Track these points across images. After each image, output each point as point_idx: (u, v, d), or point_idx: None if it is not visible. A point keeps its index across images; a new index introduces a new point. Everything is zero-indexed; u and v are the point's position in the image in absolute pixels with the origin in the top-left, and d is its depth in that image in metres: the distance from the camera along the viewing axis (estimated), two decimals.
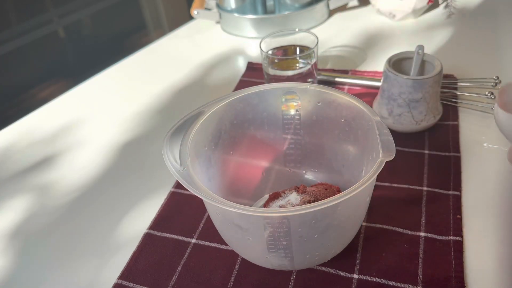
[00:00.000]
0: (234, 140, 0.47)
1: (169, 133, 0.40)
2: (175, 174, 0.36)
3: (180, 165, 0.37)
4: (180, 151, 0.39)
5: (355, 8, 0.94)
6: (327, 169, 0.49)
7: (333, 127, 0.46)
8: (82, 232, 0.50)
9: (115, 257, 0.46)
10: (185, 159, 0.38)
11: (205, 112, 0.43)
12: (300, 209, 0.33)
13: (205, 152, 0.43)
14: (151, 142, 0.62)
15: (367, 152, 0.41)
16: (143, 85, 0.76)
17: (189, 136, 0.40)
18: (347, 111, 0.43)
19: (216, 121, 0.45)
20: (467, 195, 0.48)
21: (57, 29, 1.66)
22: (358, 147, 0.44)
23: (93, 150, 0.62)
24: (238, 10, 0.88)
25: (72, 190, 0.55)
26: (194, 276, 0.43)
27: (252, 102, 0.46)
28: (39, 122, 0.70)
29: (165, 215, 0.50)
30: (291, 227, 0.35)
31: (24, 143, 0.65)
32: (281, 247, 0.37)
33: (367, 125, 0.41)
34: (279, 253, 0.38)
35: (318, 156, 0.49)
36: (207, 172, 0.43)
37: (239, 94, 0.45)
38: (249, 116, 0.47)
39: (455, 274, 0.40)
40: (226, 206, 0.34)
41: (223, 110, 0.45)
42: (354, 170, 0.45)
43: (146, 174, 0.57)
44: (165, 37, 0.93)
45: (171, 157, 0.38)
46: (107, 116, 0.69)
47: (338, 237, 0.40)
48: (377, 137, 0.37)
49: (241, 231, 0.38)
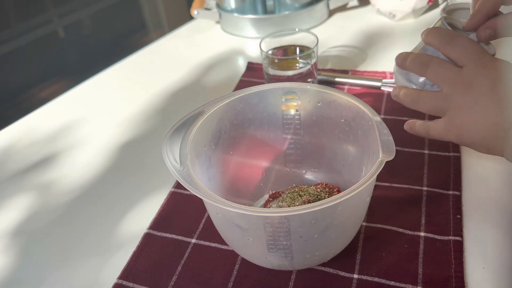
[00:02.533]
0: (234, 140, 0.47)
1: (169, 133, 0.40)
2: (175, 174, 0.36)
3: (180, 165, 0.37)
4: (180, 151, 0.39)
5: (355, 8, 0.94)
6: (327, 169, 0.49)
7: (333, 127, 0.46)
8: (82, 232, 0.50)
9: (115, 257, 0.46)
10: (185, 159, 0.38)
11: (205, 112, 0.43)
12: (300, 209, 0.33)
13: (205, 152, 0.43)
14: (151, 142, 0.62)
15: (367, 152, 0.41)
16: (143, 85, 0.76)
17: (189, 136, 0.40)
18: (347, 111, 0.43)
19: (216, 121, 0.45)
20: (467, 195, 0.48)
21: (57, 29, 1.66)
22: (358, 147, 0.44)
23: (92, 150, 0.62)
24: (238, 10, 0.88)
25: (72, 190, 0.55)
26: (194, 276, 0.43)
27: (252, 102, 0.46)
28: (39, 122, 0.70)
29: (165, 215, 0.50)
30: (291, 227, 0.35)
31: (25, 142, 0.65)
32: (281, 247, 0.37)
33: (367, 125, 0.41)
34: (279, 253, 0.38)
35: (318, 156, 0.49)
36: (207, 172, 0.43)
37: (239, 94, 0.45)
38: (249, 116, 0.47)
39: (455, 274, 0.40)
40: (226, 206, 0.34)
41: (223, 110, 0.45)
42: (354, 170, 0.45)
43: (146, 174, 0.57)
44: (165, 37, 0.93)
45: (171, 157, 0.38)
46: (107, 116, 0.69)
47: (338, 237, 0.40)
48: (377, 137, 0.37)
49: (241, 231, 0.38)
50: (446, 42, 0.41)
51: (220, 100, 0.44)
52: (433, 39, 0.42)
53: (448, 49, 0.40)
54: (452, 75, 0.40)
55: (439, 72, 0.40)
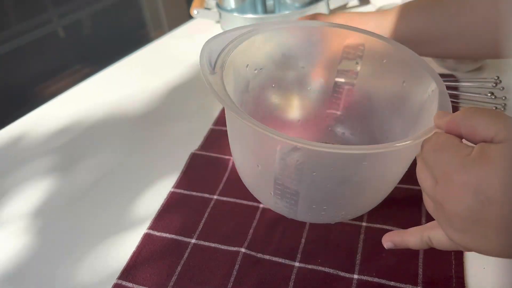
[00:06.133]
0: (279, 73, 0.42)
1: (212, 41, 0.36)
2: (205, 76, 0.32)
3: (213, 69, 0.33)
4: (218, 57, 0.34)
5: (355, 8, 0.93)
6: (368, 136, 0.43)
7: (390, 89, 0.40)
8: (82, 232, 0.50)
9: (115, 257, 0.46)
10: (221, 67, 0.33)
11: (258, 32, 0.38)
12: (319, 145, 0.28)
13: (244, 73, 0.38)
14: (150, 142, 0.62)
15: (418, 128, 0.36)
16: (143, 85, 0.76)
17: (233, 49, 0.36)
18: (411, 76, 0.38)
19: (267, 45, 0.39)
20: None
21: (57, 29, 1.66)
22: (411, 118, 0.38)
23: (90, 149, 0.62)
24: (238, 9, 0.88)
25: (72, 190, 0.55)
26: (194, 276, 0.43)
27: (312, 38, 0.40)
28: (38, 123, 0.70)
29: (165, 215, 0.50)
30: (305, 164, 0.31)
31: (24, 142, 0.65)
32: (288, 185, 0.33)
33: (427, 95, 0.36)
34: (285, 192, 0.33)
35: (362, 119, 0.43)
36: (241, 95, 0.38)
37: (300, 24, 0.40)
38: (303, 50, 0.41)
39: (455, 274, 0.40)
40: (246, 120, 0.29)
41: (278, 36, 0.39)
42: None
43: (145, 174, 0.57)
44: (165, 37, 0.93)
45: (207, 60, 0.34)
46: (107, 116, 0.69)
47: (353, 198, 0.35)
48: (436, 107, 0.33)
49: (252, 154, 0.33)
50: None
51: (278, 23, 0.40)
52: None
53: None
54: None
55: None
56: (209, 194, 0.51)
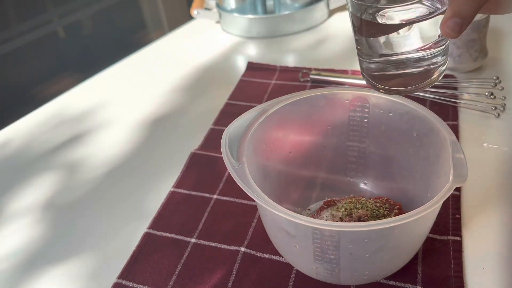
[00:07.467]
0: (295, 141, 0.46)
1: (231, 128, 0.40)
2: (231, 171, 0.36)
3: (236, 161, 0.37)
4: (239, 147, 0.38)
5: None
6: (390, 183, 0.46)
7: (403, 140, 0.43)
8: (82, 232, 0.50)
9: (115, 256, 0.46)
10: (242, 156, 0.38)
11: (268, 110, 0.42)
12: (353, 226, 0.31)
13: (263, 150, 0.43)
14: (150, 142, 0.62)
15: (436, 173, 0.39)
16: (143, 85, 0.76)
17: (249, 133, 0.40)
18: (420, 126, 0.41)
19: (279, 120, 0.44)
20: (466, 195, 0.48)
21: (57, 29, 1.66)
22: (428, 166, 0.41)
23: (91, 151, 0.62)
24: (238, 10, 0.88)
25: (71, 191, 0.56)
26: (193, 276, 0.43)
27: (317, 104, 0.45)
28: (38, 123, 0.70)
29: (165, 214, 0.50)
30: (341, 242, 0.34)
31: (25, 140, 0.65)
32: (328, 260, 0.36)
33: (440, 144, 0.38)
34: (325, 265, 0.36)
35: (382, 168, 0.47)
36: (263, 170, 0.42)
37: (304, 95, 0.44)
38: (313, 118, 0.46)
39: (454, 274, 0.40)
40: (275, 210, 0.33)
41: (286, 110, 0.44)
42: (420, 189, 0.42)
43: (145, 174, 0.57)
44: (165, 37, 0.93)
45: (229, 152, 0.38)
46: (107, 116, 0.69)
47: (392, 259, 0.37)
48: (450, 158, 0.35)
49: (289, 237, 0.36)
50: None
51: (285, 99, 0.44)
52: None
53: None
54: None
55: None
56: (209, 194, 0.52)
